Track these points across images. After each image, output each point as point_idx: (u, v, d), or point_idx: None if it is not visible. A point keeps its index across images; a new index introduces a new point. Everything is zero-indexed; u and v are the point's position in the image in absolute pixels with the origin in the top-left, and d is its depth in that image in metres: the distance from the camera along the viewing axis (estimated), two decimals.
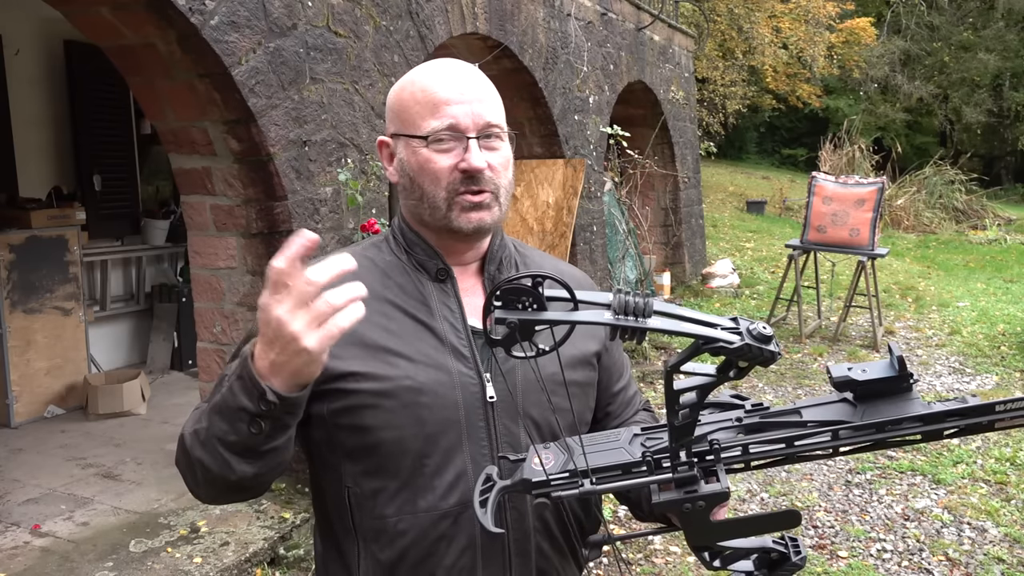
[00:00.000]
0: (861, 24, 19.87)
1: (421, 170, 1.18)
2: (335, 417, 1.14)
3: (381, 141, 1.25)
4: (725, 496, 0.94)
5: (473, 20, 5.22)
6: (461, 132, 1.16)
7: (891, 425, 0.93)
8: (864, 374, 0.93)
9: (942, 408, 0.92)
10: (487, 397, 1.17)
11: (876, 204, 7.10)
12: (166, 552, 3.39)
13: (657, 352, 6.79)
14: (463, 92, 1.17)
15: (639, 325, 0.84)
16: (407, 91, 1.21)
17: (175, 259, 6.56)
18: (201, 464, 1.05)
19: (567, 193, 6.47)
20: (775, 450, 0.96)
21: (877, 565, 3.48)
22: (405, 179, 1.21)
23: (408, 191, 1.21)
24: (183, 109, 3.67)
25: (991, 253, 13.72)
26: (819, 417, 0.96)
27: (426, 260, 1.22)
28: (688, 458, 0.95)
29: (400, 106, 1.21)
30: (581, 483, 0.96)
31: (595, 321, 0.85)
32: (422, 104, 1.18)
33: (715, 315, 0.90)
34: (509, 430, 1.18)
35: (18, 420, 4.99)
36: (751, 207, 16.41)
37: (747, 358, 0.86)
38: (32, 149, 5.62)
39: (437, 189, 1.17)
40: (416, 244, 1.23)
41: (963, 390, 6.04)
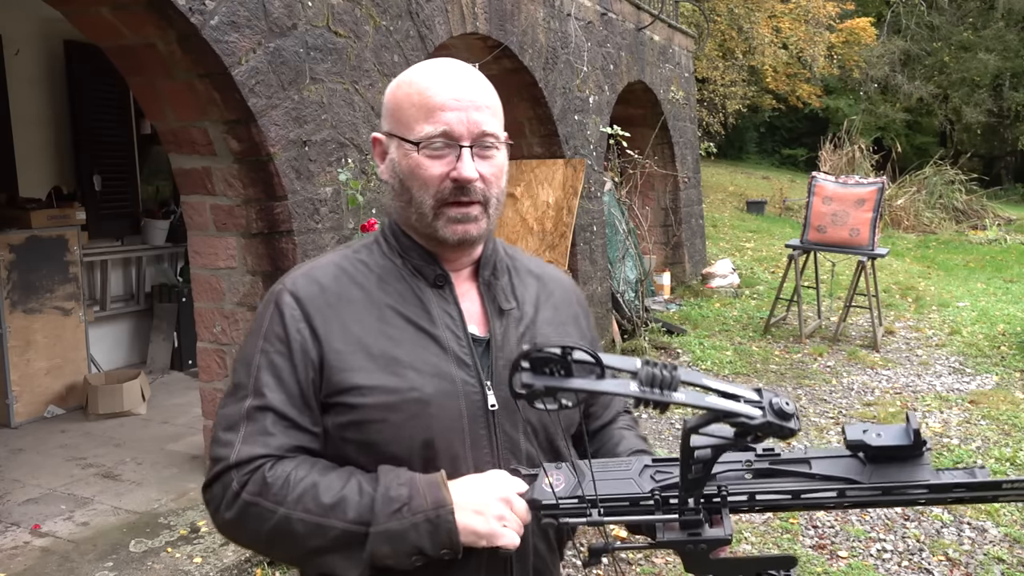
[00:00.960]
0: (861, 24, 19.86)
1: (412, 174, 1.16)
2: (341, 431, 1.13)
3: (376, 138, 1.24)
4: (727, 542, 0.96)
5: (473, 20, 5.22)
6: (455, 140, 1.14)
7: (897, 490, 0.95)
8: (878, 439, 0.95)
9: (949, 480, 0.94)
10: (489, 405, 1.16)
11: (876, 204, 7.10)
12: (166, 552, 3.39)
13: (657, 352, 6.79)
14: (460, 97, 1.15)
15: (664, 399, 0.88)
16: (403, 91, 1.19)
17: (175, 259, 6.56)
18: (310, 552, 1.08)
19: (567, 193, 6.47)
20: (781, 500, 0.98)
21: (877, 565, 3.48)
22: (395, 180, 1.20)
23: (398, 193, 1.20)
24: (183, 109, 3.67)
25: (991, 253, 13.72)
26: (828, 471, 0.98)
27: (423, 266, 1.20)
28: (696, 503, 0.98)
29: (395, 105, 1.19)
30: (589, 512, 0.99)
31: (620, 392, 0.88)
32: (418, 107, 1.15)
33: (739, 385, 0.91)
34: (509, 437, 1.18)
35: (18, 420, 4.99)
36: (751, 207, 16.41)
37: (766, 433, 0.88)
38: (32, 149, 5.62)
39: (425, 196, 1.16)
40: (411, 249, 1.21)
41: (963, 390, 6.04)
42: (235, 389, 1.16)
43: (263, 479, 1.08)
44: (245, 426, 1.12)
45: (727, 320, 8.18)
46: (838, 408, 5.58)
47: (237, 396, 1.14)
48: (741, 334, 7.61)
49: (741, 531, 3.74)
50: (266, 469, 1.09)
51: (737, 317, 8.31)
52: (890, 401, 5.73)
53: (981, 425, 5.22)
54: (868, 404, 5.66)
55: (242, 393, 1.14)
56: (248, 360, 1.16)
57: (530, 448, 1.19)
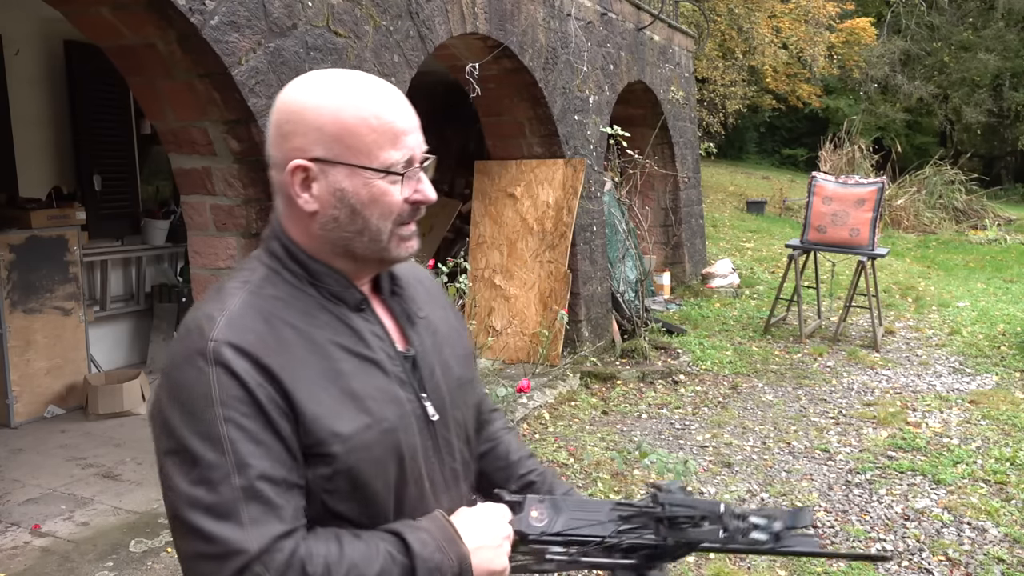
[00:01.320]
0: (861, 24, 19.86)
1: (373, 202, 1.10)
2: (326, 483, 1.06)
3: (299, 165, 1.10)
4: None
5: (473, 20, 5.22)
6: (417, 164, 1.13)
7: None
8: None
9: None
10: (430, 416, 1.17)
11: (876, 204, 7.10)
12: (166, 552, 3.39)
13: (657, 352, 6.79)
14: (411, 119, 1.14)
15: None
16: (352, 114, 1.09)
17: (175, 259, 6.56)
18: None
19: (567, 193, 6.47)
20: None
21: (877, 565, 3.48)
22: (343, 210, 1.10)
23: (343, 224, 1.11)
24: (183, 109, 3.67)
25: (991, 253, 13.72)
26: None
27: (341, 291, 1.14)
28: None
29: (344, 131, 1.08)
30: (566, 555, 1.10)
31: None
32: (379, 133, 1.09)
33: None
34: (448, 442, 1.21)
35: (18, 420, 5.00)
36: (751, 207, 16.41)
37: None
38: (32, 149, 5.62)
39: (385, 222, 1.12)
40: (326, 275, 1.14)
41: (963, 390, 6.04)
42: (204, 472, 0.98)
43: (303, 570, 0.98)
44: (246, 508, 0.97)
45: (727, 320, 8.18)
46: (838, 408, 5.58)
47: (213, 479, 0.98)
48: (741, 334, 7.61)
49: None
50: (301, 555, 0.99)
51: (737, 317, 8.31)
52: (890, 401, 5.73)
53: (981, 425, 5.22)
54: (868, 404, 5.66)
55: (219, 474, 0.98)
56: (209, 434, 0.99)
57: (461, 447, 1.24)
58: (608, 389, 5.94)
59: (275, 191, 1.17)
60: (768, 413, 5.47)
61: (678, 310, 8.41)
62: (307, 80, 1.13)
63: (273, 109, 1.15)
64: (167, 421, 1.02)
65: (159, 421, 1.04)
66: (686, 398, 5.76)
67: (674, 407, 5.57)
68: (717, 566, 3.42)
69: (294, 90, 1.13)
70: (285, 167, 1.11)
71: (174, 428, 1.01)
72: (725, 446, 4.85)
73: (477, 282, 6.51)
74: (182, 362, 1.03)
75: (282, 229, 1.16)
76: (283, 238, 1.16)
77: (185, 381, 1.02)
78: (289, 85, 1.15)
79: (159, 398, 1.05)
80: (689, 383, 6.08)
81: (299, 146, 1.10)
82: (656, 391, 5.91)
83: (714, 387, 6.03)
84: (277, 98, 1.15)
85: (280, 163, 1.13)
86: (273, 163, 1.15)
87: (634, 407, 5.55)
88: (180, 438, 1.00)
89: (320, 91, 1.11)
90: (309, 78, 1.13)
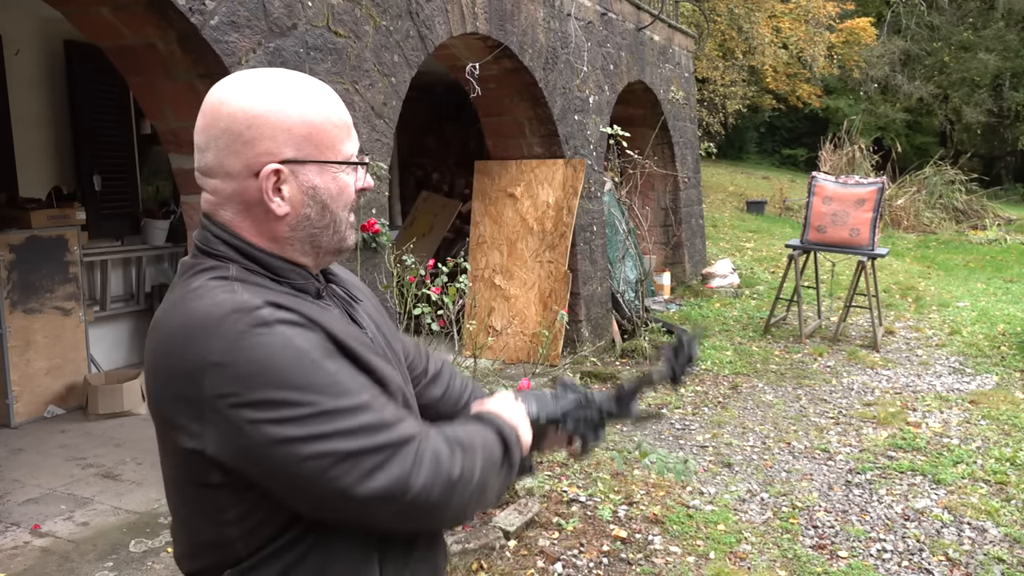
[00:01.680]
0: (861, 24, 19.87)
1: (339, 195, 1.15)
2: None
3: (277, 169, 1.10)
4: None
5: (473, 20, 5.22)
6: (361, 153, 1.20)
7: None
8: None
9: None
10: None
11: (876, 204, 7.10)
12: (166, 552, 3.39)
13: (657, 352, 6.79)
14: (348, 113, 1.19)
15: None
16: (317, 113, 1.11)
17: (175, 259, 6.56)
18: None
19: (567, 193, 6.47)
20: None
21: (877, 565, 3.48)
22: (315, 207, 1.13)
23: (314, 220, 1.14)
24: (183, 109, 3.67)
25: (991, 253, 13.72)
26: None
27: (304, 283, 1.15)
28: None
29: (311, 129, 1.10)
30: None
31: None
32: (340, 128, 1.14)
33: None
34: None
35: (18, 420, 5.00)
36: (751, 207, 16.41)
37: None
38: (32, 149, 5.62)
39: (345, 213, 1.17)
40: (288, 271, 1.14)
41: (963, 390, 6.04)
42: (335, 413, 1.00)
43: (445, 440, 1.11)
44: (385, 412, 1.06)
45: (727, 320, 8.18)
46: (838, 408, 5.58)
47: (347, 413, 1.01)
48: (741, 334, 7.61)
49: (741, 531, 3.75)
50: (434, 434, 1.11)
51: (737, 317, 8.32)
52: (890, 401, 5.73)
53: (981, 425, 5.22)
54: (868, 404, 5.66)
55: (348, 405, 1.02)
56: (320, 382, 1.01)
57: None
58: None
59: (220, 200, 1.13)
60: (768, 413, 5.47)
61: (678, 310, 8.41)
62: (248, 84, 1.10)
63: (214, 116, 1.10)
64: (263, 402, 0.99)
65: (249, 413, 0.99)
66: (686, 398, 5.77)
67: (674, 407, 5.57)
68: (717, 566, 3.42)
69: (240, 95, 1.09)
70: (248, 174, 1.10)
71: (276, 401, 0.99)
72: (725, 446, 4.85)
73: (477, 282, 6.51)
74: (239, 347, 1.00)
75: (231, 232, 1.13)
76: (233, 240, 1.13)
77: (256, 354, 0.99)
78: (226, 91, 1.11)
79: (230, 393, 0.99)
80: (689, 383, 6.08)
81: (267, 150, 1.09)
82: (656, 391, 5.91)
83: (714, 387, 6.03)
84: (214, 102, 1.11)
85: (239, 171, 1.10)
86: (224, 172, 1.11)
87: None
88: (292, 403, 0.99)
89: (276, 94, 1.10)
90: (247, 81, 1.11)
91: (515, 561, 3.43)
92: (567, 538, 3.64)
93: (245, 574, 1.10)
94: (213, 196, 1.13)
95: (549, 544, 3.57)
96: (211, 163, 1.11)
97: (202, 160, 1.13)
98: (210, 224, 1.14)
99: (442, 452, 1.07)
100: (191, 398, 1.01)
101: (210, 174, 1.12)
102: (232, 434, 1.00)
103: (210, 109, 1.11)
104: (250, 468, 1.02)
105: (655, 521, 3.82)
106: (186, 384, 1.01)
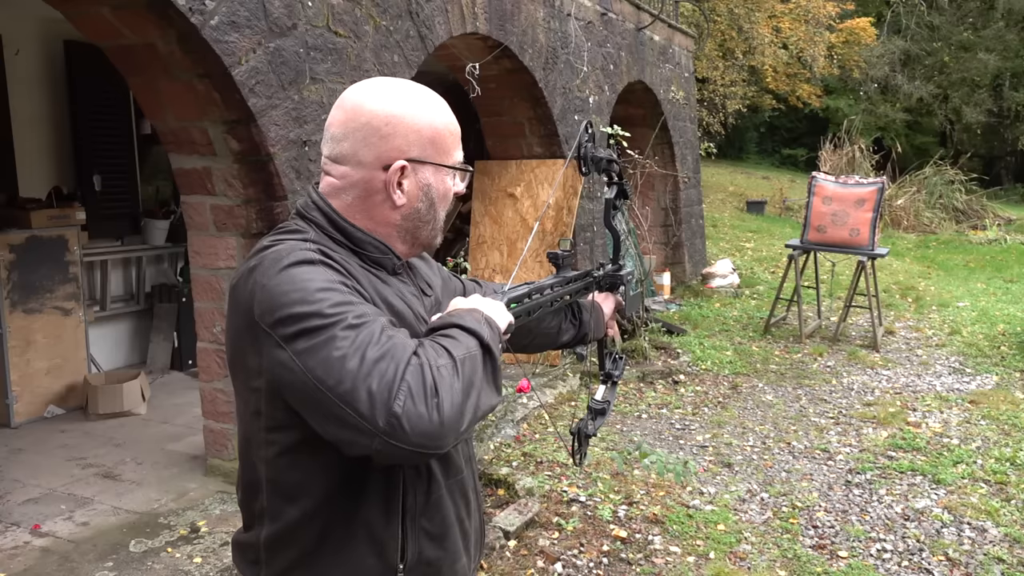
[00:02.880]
0: (861, 24, 19.86)
1: (445, 196, 1.32)
2: None
3: (403, 165, 1.25)
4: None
5: (473, 20, 5.22)
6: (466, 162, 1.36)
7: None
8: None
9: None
10: None
11: (876, 204, 7.10)
12: (166, 552, 3.39)
13: (657, 352, 6.79)
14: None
15: None
16: (441, 121, 1.28)
17: (175, 259, 6.56)
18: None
19: (567, 193, 6.47)
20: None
21: (877, 565, 3.48)
22: (424, 203, 1.29)
23: (423, 214, 1.30)
24: (183, 109, 3.67)
25: (991, 253, 13.72)
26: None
27: (382, 258, 1.29)
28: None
29: (435, 134, 1.27)
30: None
31: None
32: (455, 136, 1.31)
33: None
34: None
35: (18, 420, 4.99)
36: (751, 207, 16.41)
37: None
38: (32, 149, 5.62)
39: (444, 213, 1.34)
40: (368, 243, 1.27)
41: (963, 390, 6.04)
42: (347, 326, 1.08)
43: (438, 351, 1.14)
44: (389, 331, 1.11)
45: (727, 320, 8.18)
46: (838, 408, 5.58)
47: (359, 325, 1.09)
48: (741, 334, 7.61)
49: (741, 531, 3.75)
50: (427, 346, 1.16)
51: (737, 317, 8.31)
52: (890, 401, 5.73)
53: (981, 425, 5.22)
54: (868, 404, 5.66)
55: (357, 319, 1.10)
56: (338, 300, 1.11)
57: None
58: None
59: (344, 185, 1.26)
60: (768, 413, 5.47)
61: (678, 310, 8.41)
62: (388, 88, 1.26)
63: (356, 111, 1.24)
64: (286, 318, 1.08)
65: (280, 329, 1.08)
66: (686, 398, 5.76)
67: (674, 407, 5.57)
68: (717, 566, 3.42)
69: (381, 97, 1.25)
70: (378, 165, 1.24)
71: (300, 314, 1.08)
72: (725, 446, 4.85)
73: None
74: (288, 266, 1.12)
75: (330, 206, 1.26)
76: (328, 210, 1.26)
77: (290, 280, 1.10)
78: (367, 92, 1.26)
79: (265, 311, 1.10)
80: (689, 383, 6.08)
81: (398, 147, 1.24)
82: (656, 391, 5.91)
83: (714, 387, 6.03)
84: (356, 101, 1.25)
85: (371, 162, 1.25)
86: (357, 161, 1.25)
87: (634, 407, 5.55)
88: (313, 314, 1.07)
89: (411, 100, 1.26)
90: (387, 87, 1.27)
91: (515, 561, 3.43)
92: (567, 538, 3.63)
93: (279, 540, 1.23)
94: (339, 181, 1.27)
95: (549, 544, 3.57)
96: (346, 152, 1.26)
97: (337, 148, 1.26)
98: (319, 199, 1.28)
99: (429, 354, 1.10)
100: (249, 322, 1.13)
101: (342, 161, 1.26)
102: (272, 350, 1.10)
103: (351, 105, 1.25)
104: (281, 384, 1.11)
105: (655, 521, 3.82)
106: (245, 311, 1.14)
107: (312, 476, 1.20)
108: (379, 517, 1.22)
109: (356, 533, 1.21)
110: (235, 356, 1.21)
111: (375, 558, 1.22)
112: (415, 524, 1.25)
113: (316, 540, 1.22)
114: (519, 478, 4.13)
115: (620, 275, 1.73)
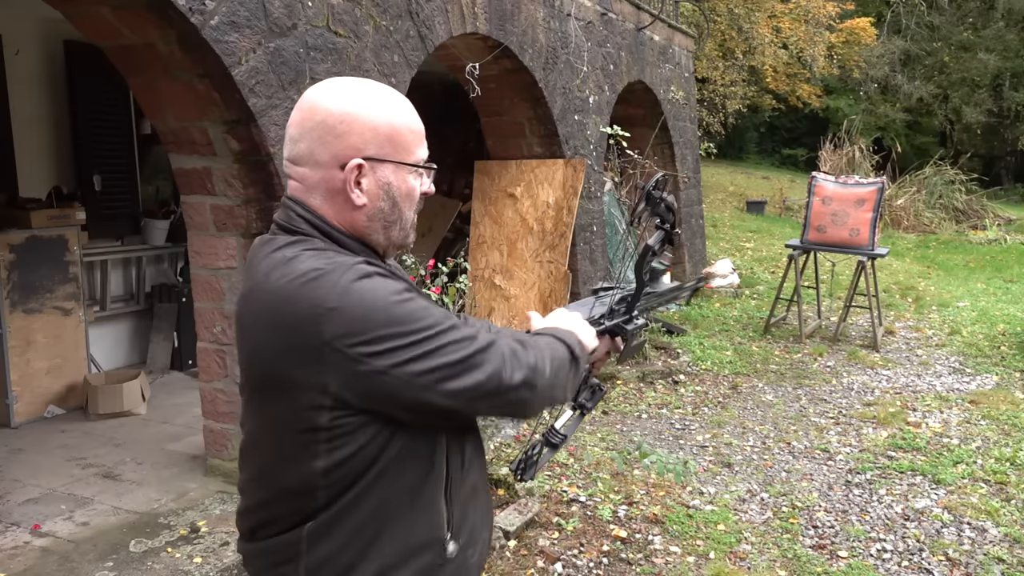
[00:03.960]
0: (861, 24, 19.85)
1: (408, 196, 1.30)
2: None
3: (359, 164, 1.24)
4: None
5: (473, 20, 5.22)
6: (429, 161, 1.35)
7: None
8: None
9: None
10: None
11: (876, 204, 7.10)
12: (166, 552, 3.39)
13: (657, 352, 6.79)
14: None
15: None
16: (399, 118, 1.27)
17: (175, 259, 6.56)
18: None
19: (567, 193, 6.47)
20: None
21: (877, 565, 3.48)
22: (386, 203, 1.28)
23: (386, 214, 1.29)
24: (183, 109, 3.67)
25: (991, 253, 13.72)
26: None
27: (376, 261, 1.31)
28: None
29: (393, 132, 1.26)
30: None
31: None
32: (415, 133, 1.29)
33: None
34: None
35: (18, 420, 4.99)
36: (751, 207, 16.41)
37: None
38: (32, 149, 5.62)
39: (411, 212, 1.32)
40: (361, 250, 1.29)
41: (963, 390, 6.04)
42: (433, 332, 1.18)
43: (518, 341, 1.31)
44: (466, 328, 1.23)
45: (727, 320, 8.18)
46: (838, 408, 5.58)
47: (442, 330, 1.19)
48: (741, 334, 7.61)
49: (741, 531, 3.75)
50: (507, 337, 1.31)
51: (737, 317, 8.31)
52: (890, 401, 5.73)
53: (981, 425, 5.22)
54: (868, 404, 5.66)
55: (438, 323, 1.19)
56: (415, 310, 1.18)
57: None
58: (608, 389, 5.94)
59: (307, 186, 1.27)
60: (768, 413, 5.47)
61: (678, 310, 8.41)
62: (344, 87, 1.26)
63: (312, 111, 1.24)
64: (376, 338, 1.14)
65: (365, 348, 1.13)
66: (686, 398, 5.76)
67: (674, 407, 5.57)
68: (717, 566, 3.42)
69: (336, 96, 1.24)
70: (334, 164, 1.24)
71: (386, 335, 1.14)
72: (725, 446, 4.85)
73: (477, 282, 6.51)
74: (349, 294, 1.14)
75: (316, 214, 1.26)
76: (315, 219, 1.26)
77: (364, 299, 1.15)
78: (323, 91, 1.26)
79: (346, 333, 1.13)
80: (689, 383, 6.08)
81: (354, 145, 1.24)
82: (656, 391, 5.91)
83: (714, 387, 6.03)
84: (313, 101, 1.25)
85: (327, 161, 1.24)
86: (314, 161, 1.25)
87: (634, 407, 5.55)
88: (399, 335, 1.15)
89: (367, 98, 1.25)
90: (343, 85, 1.26)
91: (515, 561, 3.43)
92: (567, 538, 3.64)
93: (327, 525, 1.22)
94: (300, 183, 1.27)
95: (549, 544, 3.57)
96: (303, 152, 1.25)
97: (294, 149, 1.27)
98: (294, 205, 1.27)
99: (517, 348, 1.26)
100: (308, 344, 1.14)
101: (300, 162, 1.26)
102: (353, 369, 1.14)
103: (308, 105, 1.25)
104: (372, 396, 1.16)
105: (655, 521, 3.82)
106: (301, 333, 1.14)
107: (371, 465, 1.23)
108: (431, 490, 1.27)
109: (413, 505, 1.26)
110: (270, 376, 1.20)
111: (426, 528, 1.27)
112: (458, 495, 1.31)
113: (368, 519, 1.24)
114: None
115: (627, 329, 1.69)
